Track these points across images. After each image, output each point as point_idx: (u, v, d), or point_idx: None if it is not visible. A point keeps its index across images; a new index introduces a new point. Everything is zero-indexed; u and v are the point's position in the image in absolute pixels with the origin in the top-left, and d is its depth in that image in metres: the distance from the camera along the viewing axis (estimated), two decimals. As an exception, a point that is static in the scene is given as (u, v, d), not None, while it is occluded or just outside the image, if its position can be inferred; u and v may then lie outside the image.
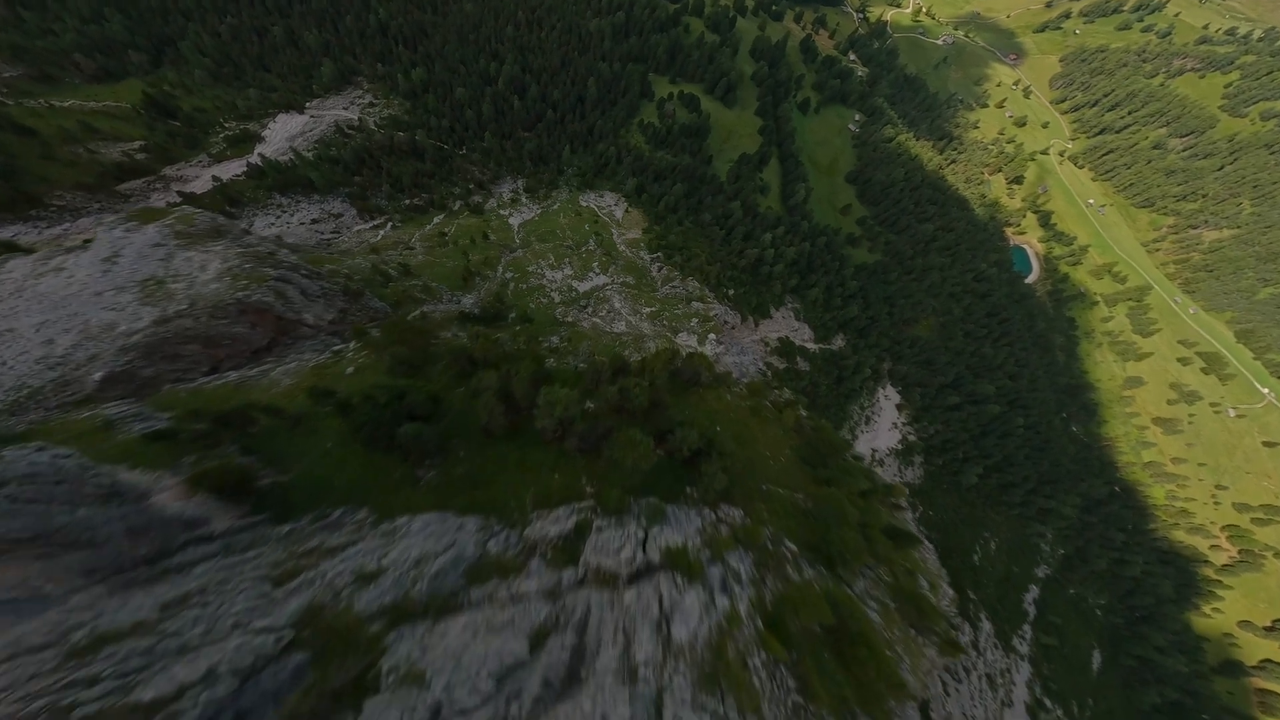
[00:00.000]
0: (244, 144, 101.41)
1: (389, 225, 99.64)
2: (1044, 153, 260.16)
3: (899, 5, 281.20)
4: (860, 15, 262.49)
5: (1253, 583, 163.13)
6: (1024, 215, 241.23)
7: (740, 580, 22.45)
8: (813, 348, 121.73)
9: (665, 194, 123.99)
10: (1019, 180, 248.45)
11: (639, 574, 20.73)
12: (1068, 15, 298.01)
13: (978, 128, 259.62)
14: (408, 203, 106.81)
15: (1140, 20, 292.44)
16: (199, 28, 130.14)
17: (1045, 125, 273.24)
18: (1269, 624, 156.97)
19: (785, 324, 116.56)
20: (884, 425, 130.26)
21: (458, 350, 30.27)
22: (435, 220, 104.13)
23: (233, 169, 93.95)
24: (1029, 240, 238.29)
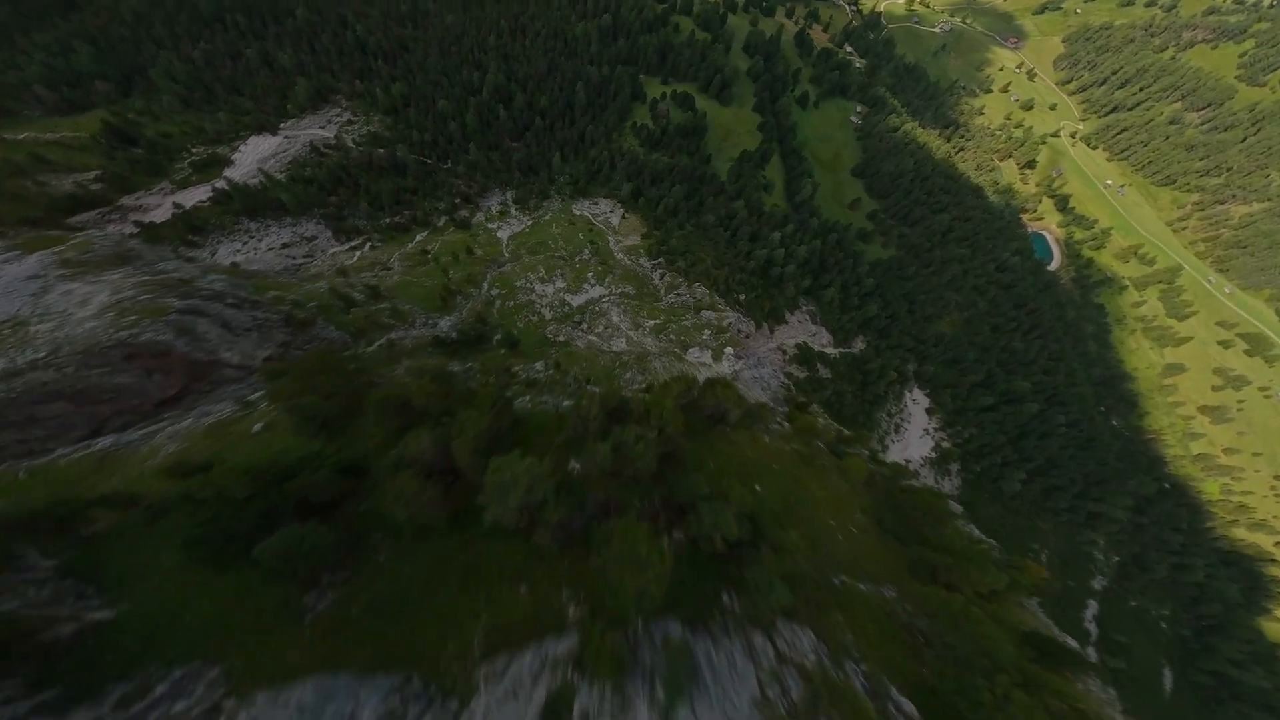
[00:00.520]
0: (211, 169, 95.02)
1: (367, 245, 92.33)
2: (1055, 135, 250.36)
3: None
4: (853, 8, 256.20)
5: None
6: (1040, 200, 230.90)
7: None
8: (833, 352, 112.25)
9: (664, 197, 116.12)
10: (1031, 165, 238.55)
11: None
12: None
13: (983, 114, 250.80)
14: (388, 221, 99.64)
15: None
16: (171, 55, 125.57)
17: (1053, 107, 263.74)
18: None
19: (802, 328, 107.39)
20: (915, 432, 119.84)
21: (391, 398, 21.53)
22: (418, 238, 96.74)
23: (197, 195, 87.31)
24: (1047, 226, 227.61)
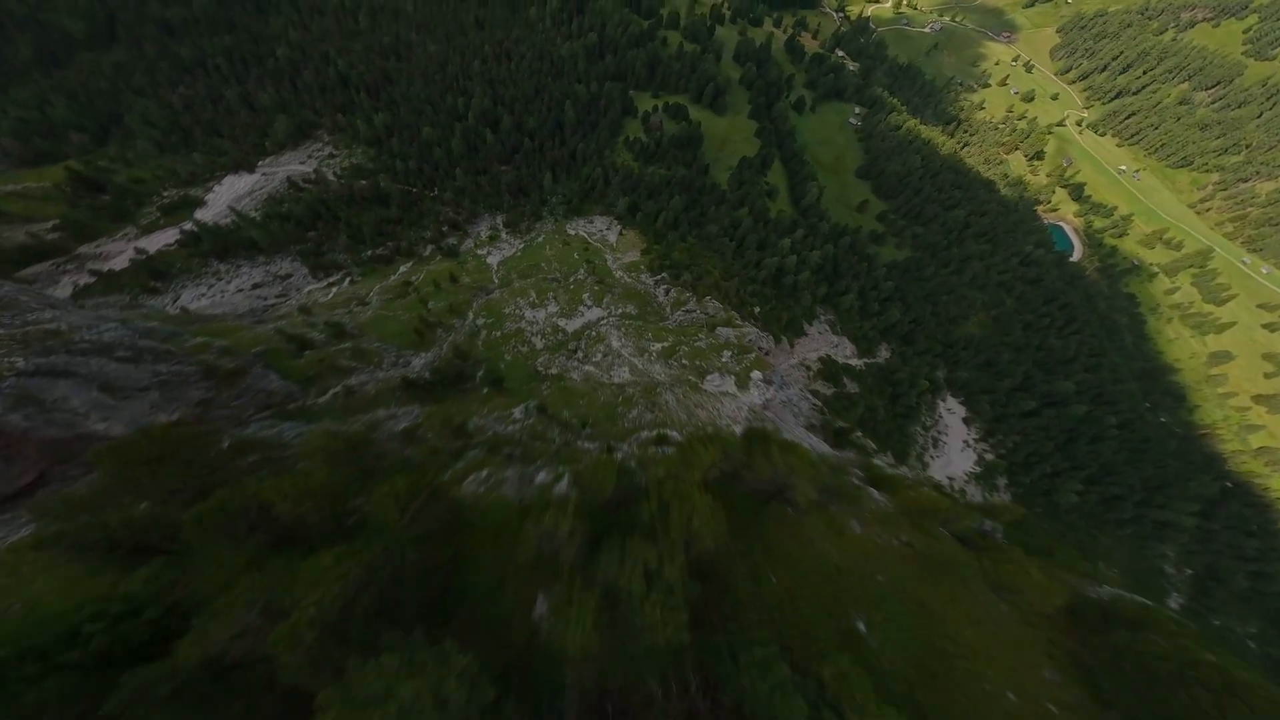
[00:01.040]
0: (182, 210, 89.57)
1: (346, 281, 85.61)
2: (1060, 125, 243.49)
3: (878, 0, 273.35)
4: (840, 14, 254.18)
5: None
6: (1052, 191, 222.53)
7: None
8: (857, 364, 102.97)
9: (662, 210, 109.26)
10: (1039, 156, 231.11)
11: None
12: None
13: (984, 108, 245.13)
14: (370, 254, 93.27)
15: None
16: (151, 103, 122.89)
17: (1055, 97, 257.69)
18: None
19: (823, 340, 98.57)
20: (955, 445, 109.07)
21: (227, 508, 12.40)
22: (401, 269, 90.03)
23: (164, 239, 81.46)
24: (1063, 217, 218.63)
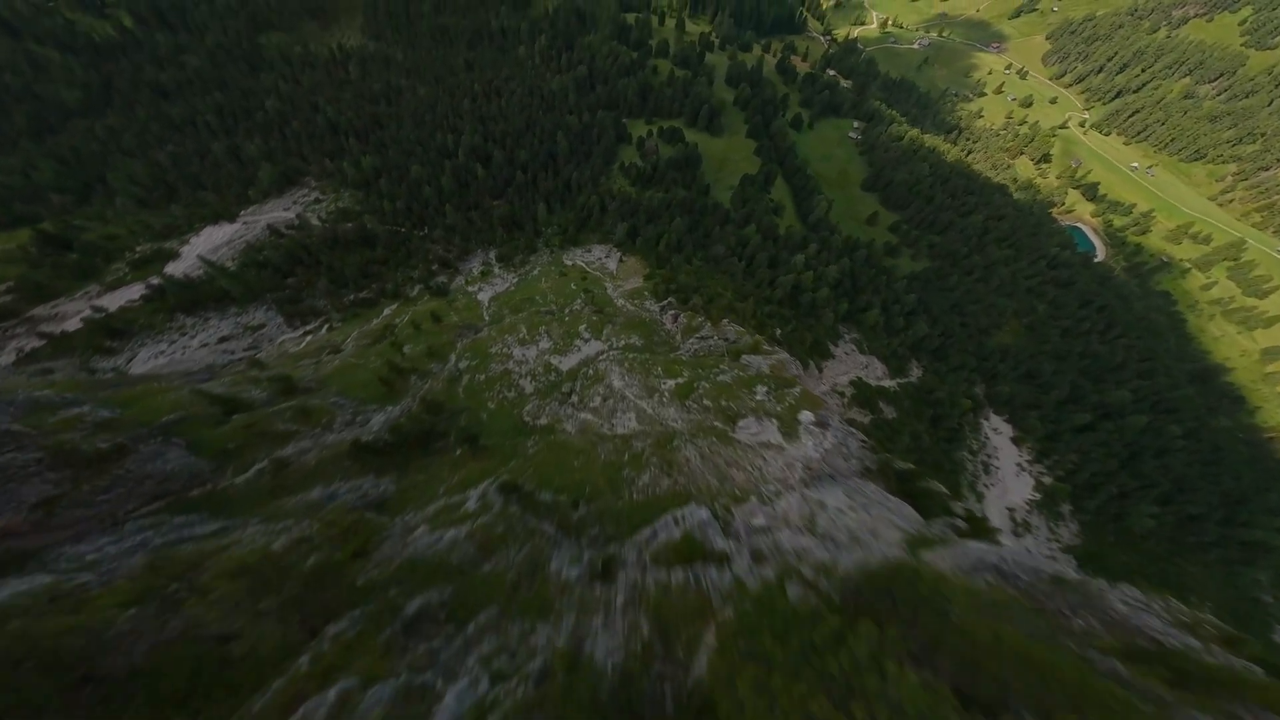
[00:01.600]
0: (153, 264, 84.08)
1: (325, 328, 78.55)
2: (1063, 127, 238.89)
3: (863, 23, 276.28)
4: (827, 37, 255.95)
5: None
6: (1065, 193, 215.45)
7: None
8: (891, 385, 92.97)
9: (664, 233, 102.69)
10: (1047, 159, 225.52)
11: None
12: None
13: (983, 116, 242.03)
14: (353, 297, 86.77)
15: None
16: (139, 162, 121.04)
17: (1053, 101, 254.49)
18: None
19: (851, 361, 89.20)
20: (1008, 470, 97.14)
21: None
22: (385, 312, 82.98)
23: (127, 295, 75.47)
24: (1080, 217, 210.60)
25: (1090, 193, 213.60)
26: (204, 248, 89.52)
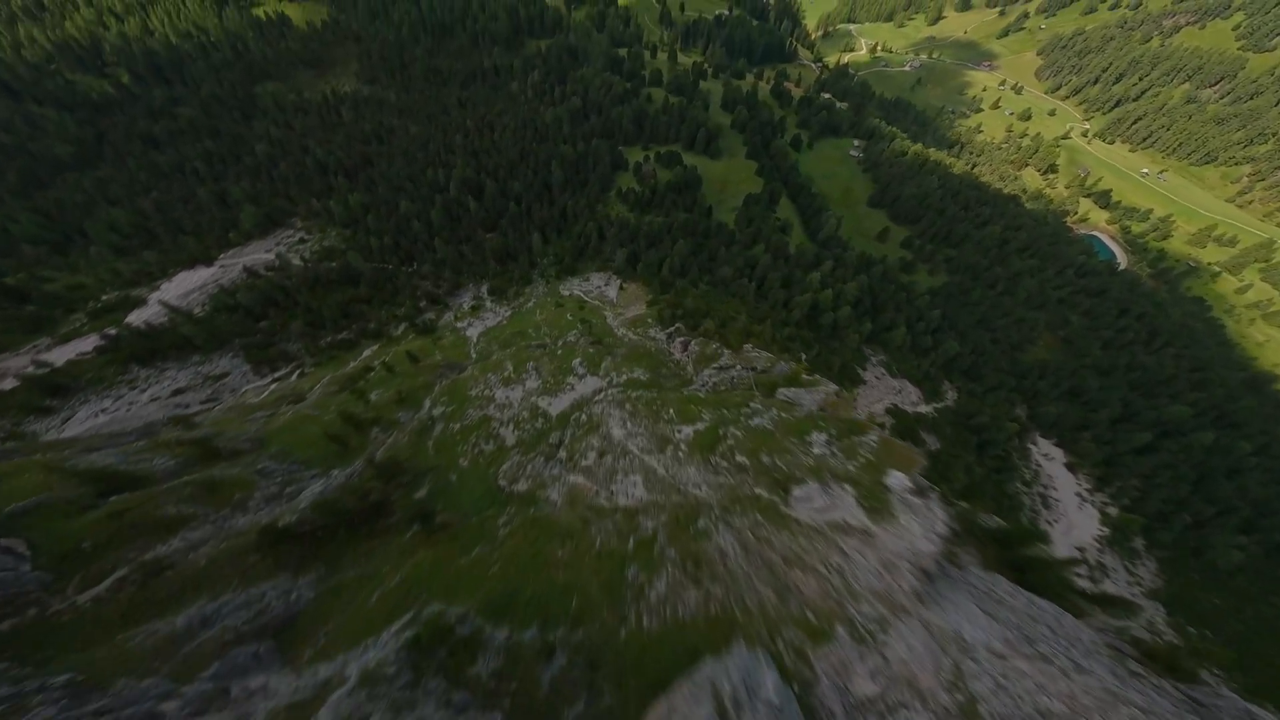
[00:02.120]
0: (116, 313, 77.70)
1: (295, 374, 70.77)
2: (1065, 138, 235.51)
3: (853, 49, 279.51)
4: (819, 64, 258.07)
5: None
6: (1076, 202, 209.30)
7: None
8: (928, 411, 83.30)
9: (666, 257, 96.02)
10: (1053, 169, 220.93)
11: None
12: (1026, 15, 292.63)
13: (982, 131, 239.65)
14: (329, 340, 79.48)
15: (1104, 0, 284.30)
16: (124, 211, 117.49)
17: (1052, 113, 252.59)
18: None
19: (883, 387, 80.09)
20: (1069, 502, 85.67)
21: None
22: (365, 354, 75.44)
23: (79, 347, 68.55)
24: (1095, 226, 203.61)
25: (1103, 200, 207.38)
26: (174, 293, 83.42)
